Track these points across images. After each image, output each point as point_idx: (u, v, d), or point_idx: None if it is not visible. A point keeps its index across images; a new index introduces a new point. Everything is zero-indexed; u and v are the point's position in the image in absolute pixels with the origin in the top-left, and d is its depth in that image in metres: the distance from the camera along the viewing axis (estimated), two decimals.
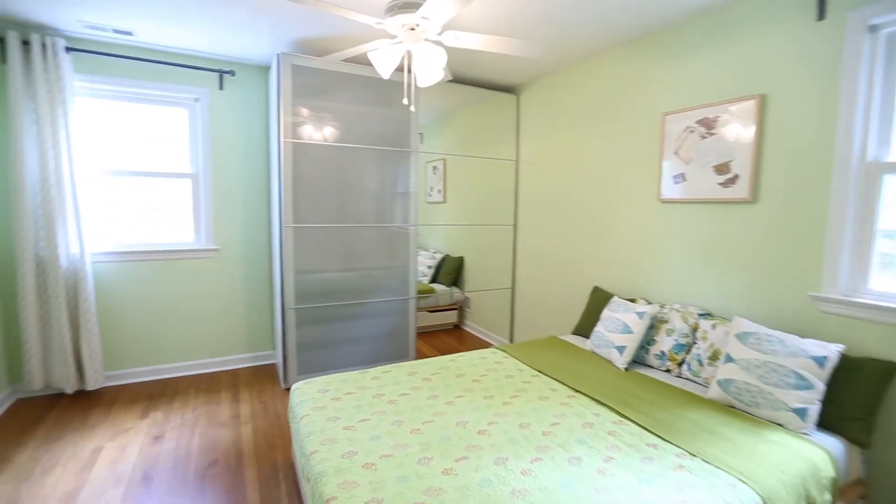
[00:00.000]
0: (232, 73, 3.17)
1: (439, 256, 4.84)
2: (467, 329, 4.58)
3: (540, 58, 3.02)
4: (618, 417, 1.84)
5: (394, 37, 2.03)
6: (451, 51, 2.80)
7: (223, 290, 3.39)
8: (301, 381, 2.18)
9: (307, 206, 3.03)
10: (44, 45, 2.61)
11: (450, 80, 2.67)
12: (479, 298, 4.43)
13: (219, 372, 3.39)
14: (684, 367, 2.24)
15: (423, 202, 5.19)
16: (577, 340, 2.83)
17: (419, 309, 4.46)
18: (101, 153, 2.99)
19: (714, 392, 1.96)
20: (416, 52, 1.96)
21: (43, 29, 2.66)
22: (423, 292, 4.45)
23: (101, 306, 3.00)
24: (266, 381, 3.26)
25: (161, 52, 3.00)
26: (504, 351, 2.63)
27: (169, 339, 3.25)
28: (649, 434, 1.70)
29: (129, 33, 2.70)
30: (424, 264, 4.86)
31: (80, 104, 2.80)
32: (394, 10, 1.88)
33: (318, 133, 3.03)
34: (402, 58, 2.16)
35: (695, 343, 2.24)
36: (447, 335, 4.43)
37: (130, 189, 3.12)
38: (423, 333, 4.42)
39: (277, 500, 1.97)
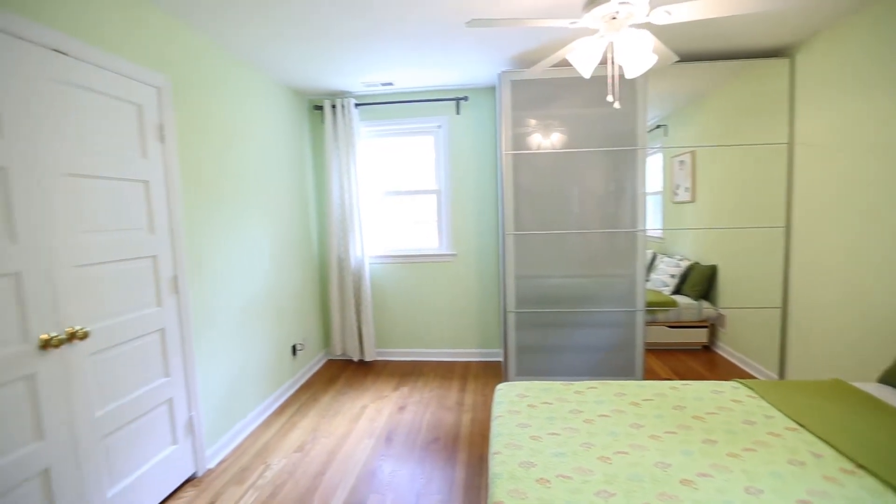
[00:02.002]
0: (466, 98, 3.60)
1: (685, 264, 4.17)
2: (720, 353, 3.78)
3: (811, 2, 2.24)
4: None
5: (595, 32, 1.91)
6: (673, 28, 2.40)
7: (460, 290, 3.86)
8: (504, 383, 2.29)
9: (528, 213, 3.14)
10: (343, 106, 3.59)
11: (677, 61, 2.28)
12: (737, 317, 3.60)
13: (454, 362, 3.88)
14: None
15: (667, 202, 4.59)
16: (883, 392, 1.96)
17: (657, 323, 3.96)
18: (375, 179, 3.89)
19: None
20: (618, 42, 1.79)
21: (343, 94, 3.67)
22: (662, 304, 3.92)
23: (375, 297, 3.90)
24: (491, 376, 3.54)
25: (412, 92, 3.68)
26: (750, 388, 2.07)
27: (419, 328, 3.93)
28: None
29: (390, 84, 3.44)
30: (666, 272, 4.28)
31: (362, 143, 3.72)
32: (590, 4, 1.76)
33: (539, 142, 3.10)
34: (605, 51, 2.00)
35: None
36: (691, 357, 3.77)
37: (394, 205, 3.93)
38: (660, 351, 3.90)
39: (478, 488, 2.14)
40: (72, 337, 1.61)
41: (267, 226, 3.05)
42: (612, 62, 1.97)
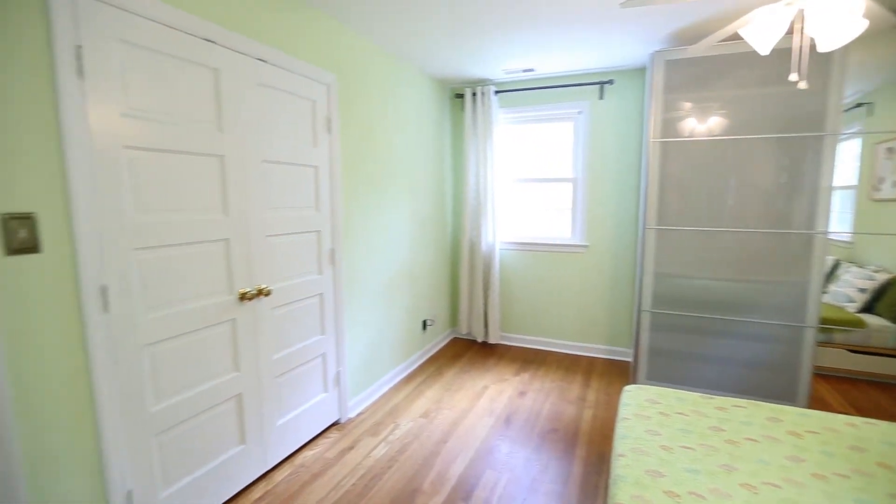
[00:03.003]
0: (611, 82, 3.38)
1: (883, 277, 3.38)
2: None
3: None
4: None
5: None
6: None
7: (590, 283, 3.72)
8: (634, 385, 2.17)
9: (675, 207, 2.87)
10: (483, 93, 3.67)
11: None
12: None
13: (579, 356, 3.78)
14: None
15: (861, 199, 3.76)
16: None
17: (832, 345, 3.33)
18: (509, 166, 3.91)
19: None
20: (811, 9, 1.51)
21: (483, 82, 3.74)
22: (842, 323, 3.26)
23: (502, 282, 3.97)
24: (617, 375, 3.37)
25: (553, 78, 3.58)
26: None
27: (545, 317, 3.90)
28: None
29: (531, 70, 3.40)
30: (853, 285, 3.53)
31: (499, 130, 3.76)
32: None
33: (693, 127, 2.79)
34: (792, 21, 1.68)
35: None
36: (881, 391, 3.08)
37: (527, 193, 3.92)
38: (835, 378, 3.26)
39: (595, 486, 2.09)
40: (259, 293, 1.99)
41: (408, 207, 3.32)
42: (801, 33, 1.67)
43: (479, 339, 3.98)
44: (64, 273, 1.35)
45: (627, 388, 2.14)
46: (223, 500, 1.94)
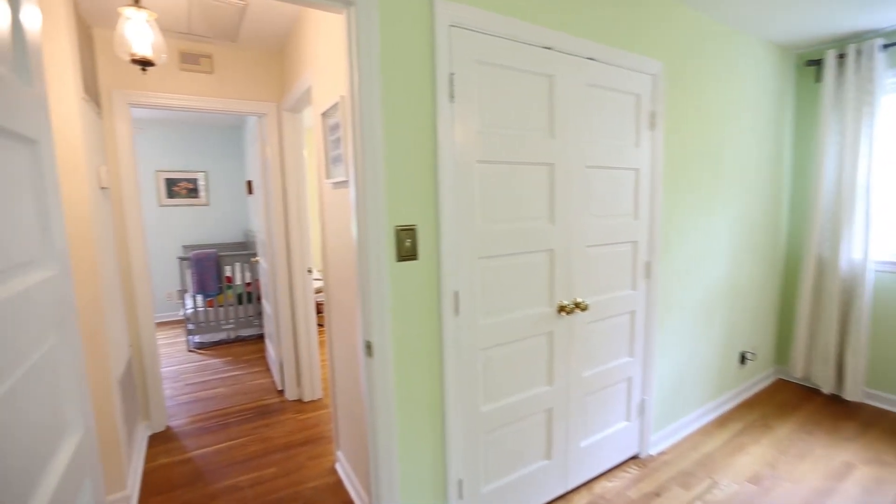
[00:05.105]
0: None
1: None
2: None
3: None
4: None
5: None
6: None
7: None
8: None
9: None
10: (857, 52, 2.64)
11: None
12: None
13: None
14: None
15: None
16: None
17: None
18: None
19: None
20: None
21: (860, 36, 2.68)
22: None
23: (875, 318, 2.80)
24: None
25: None
26: None
27: None
28: None
29: None
30: None
31: (886, 101, 2.64)
32: None
33: None
34: None
35: None
36: None
37: None
38: None
39: None
40: (576, 307, 1.88)
41: (732, 213, 2.68)
42: None
43: (825, 390, 2.93)
44: (430, 278, 1.52)
45: None
46: None
